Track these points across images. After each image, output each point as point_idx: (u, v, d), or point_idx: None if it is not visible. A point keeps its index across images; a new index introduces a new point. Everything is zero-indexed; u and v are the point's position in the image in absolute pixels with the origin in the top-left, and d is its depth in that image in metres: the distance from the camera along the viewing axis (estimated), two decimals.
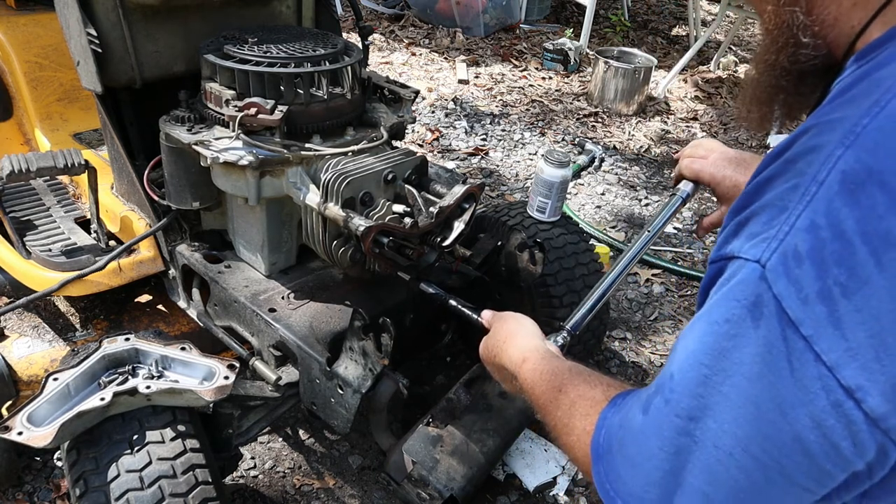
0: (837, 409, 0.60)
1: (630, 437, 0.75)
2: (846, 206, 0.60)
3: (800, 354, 0.61)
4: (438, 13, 5.58)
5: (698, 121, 4.54)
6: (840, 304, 0.59)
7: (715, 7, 6.89)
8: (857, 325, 0.59)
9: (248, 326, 1.66)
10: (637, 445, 0.73)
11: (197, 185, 1.65)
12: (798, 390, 0.61)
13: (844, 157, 0.61)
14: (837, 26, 0.73)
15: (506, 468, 1.96)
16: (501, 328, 1.18)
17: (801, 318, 0.60)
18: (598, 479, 0.77)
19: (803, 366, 0.61)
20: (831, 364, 0.60)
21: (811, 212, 0.61)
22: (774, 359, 0.62)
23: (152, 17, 1.64)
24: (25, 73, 2.17)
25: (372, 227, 1.42)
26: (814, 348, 0.60)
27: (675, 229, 3.31)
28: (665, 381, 0.71)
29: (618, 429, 0.78)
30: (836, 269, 0.59)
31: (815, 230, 0.61)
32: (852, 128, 0.62)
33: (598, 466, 0.78)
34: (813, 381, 0.60)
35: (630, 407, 0.77)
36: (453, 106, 4.31)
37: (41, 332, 2.03)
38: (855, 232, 0.59)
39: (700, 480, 0.68)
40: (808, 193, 0.62)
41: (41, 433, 1.22)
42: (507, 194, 3.44)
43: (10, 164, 1.70)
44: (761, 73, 0.82)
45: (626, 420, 0.76)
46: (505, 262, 1.89)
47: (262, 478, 1.89)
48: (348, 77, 1.62)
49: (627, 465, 0.74)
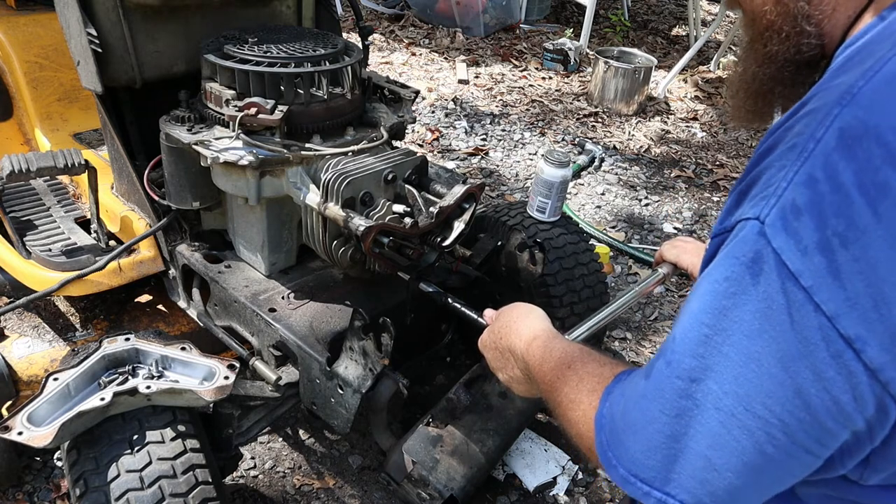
0: (837, 360, 0.61)
1: (632, 402, 0.74)
2: (843, 159, 0.61)
3: (800, 306, 0.61)
4: (438, 13, 5.58)
5: (698, 121, 4.54)
6: (839, 255, 0.60)
7: (715, 7, 6.89)
8: (856, 274, 0.60)
9: (248, 326, 1.66)
10: (639, 410, 0.73)
11: (197, 185, 1.65)
12: (799, 342, 0.62)
13: (841, 115, 0.63)
14: (834, 16, 0.76)
15: (506, 468, 1.96)
16: (510, 313, 1.17)
17: (801, 269, 0.61)
18: (601, 448, 0.77)
19: (803, 317, 0.61)
20: (831, 314, 0.60)
21: (809, 167, 0.63)
22: (774, 313, 0.62)
23: (152, 16, 1.64)
24: (25, 73, 2.17)
25: (372, 227, 1.42)
26: (813, 299, 0.61)
27: (676, 229, 3.31)
28: (668, 343, 0.71)
29: (620, 397, 0.77)
30: (834, 220, 0.61)
31: (813, 183, 0.62)
32: (848, 89, 0.64)
33: (600, 436, 0.78)
34: (813, 331, 0.61)
35: (635, 375, 0.77)
36: (453, 106, 4.31)
37: (41, 332, 2.03)
38: (853, 184, 0.61)
39: (702, 444, 0.68)
40: (805, 150, 0.63)
41: (41, 433, 1.22)
42: (507, 194, 3.44)
43: (10, 164, 1.70)
44: (761, 66, 0.83)
45: (629, 387, 0.76)
46: (505, 262, 1.89)
47: (262, 478, 1.89)
48: (348, 77, 1.62)
49: (629, 431, 0.74)
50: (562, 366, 0.94)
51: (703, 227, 3.36)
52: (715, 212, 3.49)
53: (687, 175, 3.81)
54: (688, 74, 5.22)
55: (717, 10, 5.03)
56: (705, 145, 4.20)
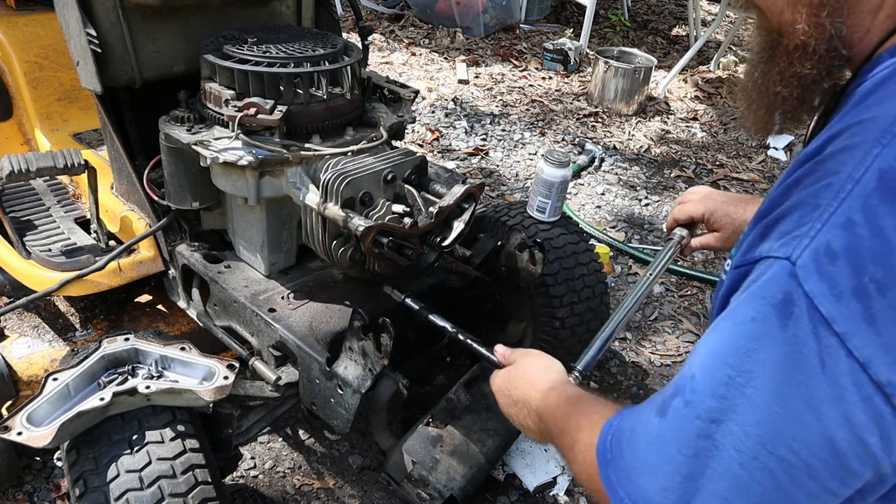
0: (867, 404, 0.60)
1: (645, 440, 0.73)
2: (884, 203, 0.60)
3: (832, 351, 0.60)
4: (438, 13, 5.58)
5: (698, 121, 4.53)
6: (876, 301, 0.59)
7: (715, 7, 6.89)
8: (891, 321, 0.59)
9: (248, 326, 1.66)
10: (654, 449, 0.71)
11: (197, 185, 1.65)
12: (828, 387, 0.61)
13: (882, 156, 0.61)
14: (868, 37, 0.73)
15: (506, 468, 1.96)
16: (529, 364, 1.16)
17: (835, 315, 0.60)
18: (609, 485, 0.75)
19: (835, 362, 0.60)
20: (864, 360, 0.60)
21: (847, 209, 0.61)
22: (804, 357, 0.61)
23: (152, 16, 1.64)
24: (25, 73, 2.17)
25: (371, 227, 1.42)
26: (846, 344, 0.60)
27: None
28: (685, 382, 0.70)
29: (629, 433, 0.76)
30: (872, 267, 0.59)
31: (852, 227, 0.60)
32: (889, 127, 0.62)
33: (606, 472, 0.76)
34: (844, 376, 0.60)
35: (642, 412, 0.76)
36: (453, 106, 4.31)
37: (41, 332, 2.03)
38: (893, 229, 0.59)
39: (720, 485, 0.66)
40: (843, 191, 0.62)
41: (41, 433, 1.22)
42: (507, 194, 3.44)
43: (10, 164, 1.70)
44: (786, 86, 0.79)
45: (641, 424, 0.75)
46: (505, 262, 1.89)
47: (262, 478, 1.89)
48: (348, 77, 1.62)
49: (643, 470, 0.72)
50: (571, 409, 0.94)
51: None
52: None
53: (687, 175, 3.81)
54: (688, 74, 5.22)
55: (717, 10, 5.02)
56: (705, 145, 4.20)
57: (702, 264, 3.05)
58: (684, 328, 2.65)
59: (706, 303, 2.80)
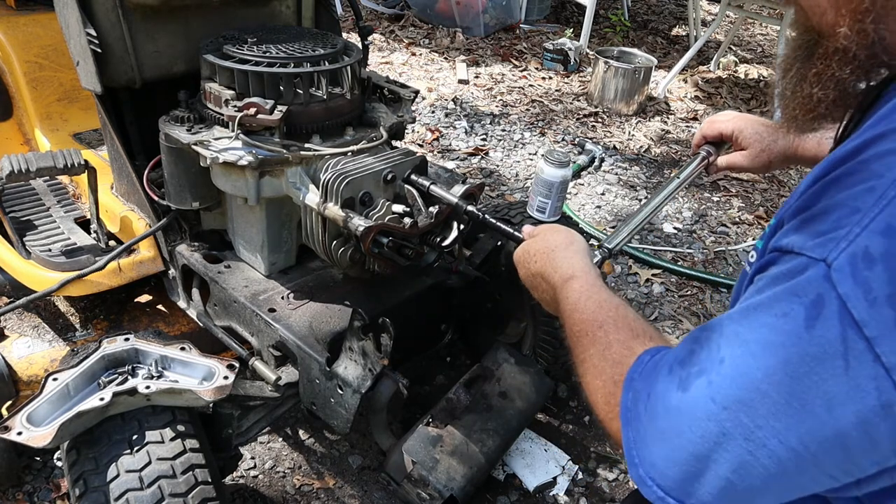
0: (887, 410, 0.61)
1: (663, 409, 0.74)
2: None
3: (858, 354, 0.61)
4: (438, 13, 5.58)
5: (698, 121, 4.53)
6: None
7: (715, 7, 6.89)
8: None
9: (248, 326, 1.66)
10: (668, 420, 0.73)
11: (197, 185, 1.65)
12: (850, 388, 0.62)
13: None
14: None
15: (506, 468, 1.96)
16: (551, 236, 1.15)
17: (867, 319, 0.61)
18: (626, 442, 0.77)
19: (860, 365, 0.61)
20: (890, 366, 0.60)
21: (888, 215, 0.61)
22: (828, 357, 0.62)
23: (152, 17, 1.64)
24: (25, 73, 2.17)
25: (371, 227, 1.42)
26: (875, 349, 0.61)
27: (676, 229, 3.31)
28: (713, 365, 0.70)
29: (647, 397, 0.77)
30: None
31: (892, 234, 0.61)
32: None
33: (626, 430, 0.78)
34: (867, 380, 0.61)
35: (662, 375, 0.76)
36: (453, 106, 4.31)
37: (41, 332, 2.03)
38: None
39: (725, 468, 0.68)
40: (885, 197, 0.62)
41: (41, 433, 1.22)
42: (507, 194, 3.44)
43: (10, 164, 1.70)
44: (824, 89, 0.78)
45: (661, 392, 0.75)
46: (505, 262, 1.89)
47: (262, 478, 1.89)
48: (348, 77, 1.62)
49: (656, 437, 0.74)
50: (593, 321, 0.93)
51: (703, 227, 3.36)
52: (715, 212, 3.49)
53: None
54: (688, 74, 5.22)
55: (717, 10, 5.02)
56: None
57: (702, 264, 3.06)
58: (684, 328, 2.65)
59: (706, 303, 2.81)
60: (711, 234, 3.31)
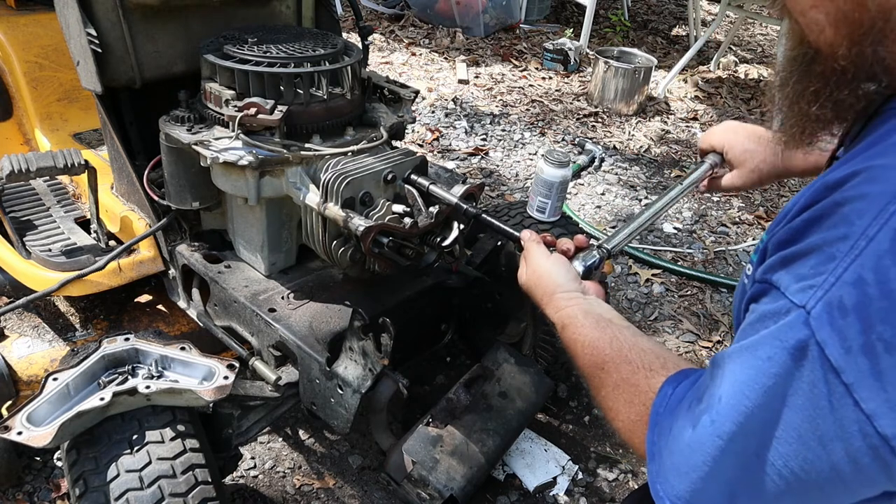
0: (874, 451, 0.63)
1: (678, 447, 0.78)
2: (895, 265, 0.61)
3: (839, 398, 0.63)
4: (438, 13, 5.58)
5: (698, 121, 4.54)
6: (882, 360, 0.61)
7: (715, 7, 6.89)
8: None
9: (248, 326, 1.66)
10: (683, 456, 0.77)
11: (197, 185, 1.65)
12: (837, 428, 0.64)
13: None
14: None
15: (506, 468, 1.96)
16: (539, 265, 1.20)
17: (843, 366, 0.63)
18: (651, 477, 0.81)
19: (843, 408, 0.63)
20: (869, 412, 0.62)
21: (859, 266, 0.63)
22: (816, 398, 0.65)
23: (152, 17, 1.64)
24: (25, 73, 2.17)
25: (372, 227, 1.42)
26: (853, 395, 0.63)
27: (676, 229, 3.31)
28: (714, 403, 0.74)
29: (668, 435, 0.81)
30: (880, 327, 0.61)
31: (862, 285, 0.62)
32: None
33: (652, 465, 0.82)
34: (851, 423, 0.63)
35: (682, 412, 0.80)
36: (453, 106, 4.31)
37: (41, 332, 2.03)
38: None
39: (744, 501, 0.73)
40: (856, 248, 0.63)
41: (41, 433, 1.22)
42: (507, 194, 3.44)
43: (10, 164, 1.70)
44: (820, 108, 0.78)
45: (677, 430, 0.80)
46: (505, 262, 1.89)
47: (262, 478, 1.89)
48: (348, 77, 1.62)
49: (675, 472, 0.78)
50: (594, 365, 0.98)
51: (703, 227, 3.36)
52: (715, 212, 3.49)
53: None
54: (688, 74, 5.22)
55: (717, 10, 5.03)
56: None
57: (702, 264, 3.06)
58: (684, 328, 2.65)
59: (706, 303, 2.81)
60: (711, 234, 3.31)
